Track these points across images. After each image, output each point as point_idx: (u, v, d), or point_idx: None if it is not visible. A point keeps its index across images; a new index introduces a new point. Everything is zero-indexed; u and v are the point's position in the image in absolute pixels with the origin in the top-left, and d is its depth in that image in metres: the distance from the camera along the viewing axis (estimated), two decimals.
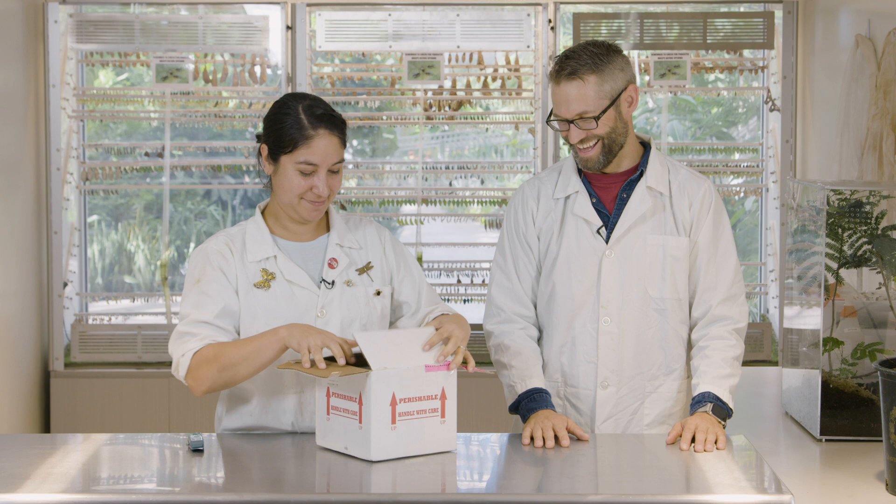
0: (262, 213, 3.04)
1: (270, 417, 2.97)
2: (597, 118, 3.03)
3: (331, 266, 2.99)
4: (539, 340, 3.20)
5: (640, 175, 3.14)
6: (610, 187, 3.16)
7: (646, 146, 3.19)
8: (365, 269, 3.03)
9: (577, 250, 3.14)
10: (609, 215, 3.14)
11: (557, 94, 3.07)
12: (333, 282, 2.98)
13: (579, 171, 3.18)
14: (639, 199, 3.13)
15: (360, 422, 2.68)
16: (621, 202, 3.14)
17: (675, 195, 3.15)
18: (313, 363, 2.71)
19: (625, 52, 3.11)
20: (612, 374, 3.12)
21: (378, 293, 3.02)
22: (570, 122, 3.06)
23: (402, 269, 3.07)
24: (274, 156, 2.93)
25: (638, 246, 3.12)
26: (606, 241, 3.13)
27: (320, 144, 2.90)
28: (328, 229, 3.05)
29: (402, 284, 3.07)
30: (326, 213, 3.07)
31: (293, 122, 2.90)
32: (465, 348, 2.80)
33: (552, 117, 3.09)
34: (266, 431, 2.97)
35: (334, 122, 2.92)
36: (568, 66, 3.04)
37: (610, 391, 3.12)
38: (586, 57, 3.04)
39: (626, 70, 3.08)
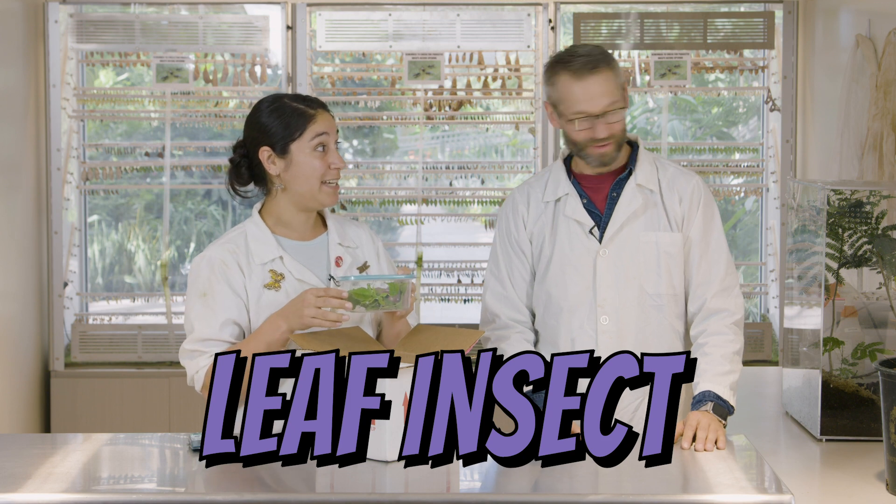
0: (260, 213, 3.06)
1: None
2: (623, 108, 3.05)
3: (337, 264, 3.02)
4: (536, 345, 3.20)
5: (630, 173, 3.15)
6: (600, 187, 3.16)
7: (633, 145, 3.20)
8: (364, 269, 3.06)
9: (571, 252, 3.14)
10: (601, 215, 3.14)
11: (579, 90, 3.02)
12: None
13: (569, 174, 3.18)
14: (629, 196, 3.13)
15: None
16: (612, 201, 3.14)
17: (665, 192, 3.15)
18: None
19: (625, 52, 3.14)
20: None
21: None
22: (597, 116, 3.04)
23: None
24: (282, 150, 2.97)
25: (632, 243, 3.12)
26: (600, 241, 3.13)
27: (324, 117, 2.99)
28: (325, 228, 3.07)
29: None
30: (320, 212, 3.09)
31: (290, 111, 2.99)
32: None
33: (574, 115, 3.04)
34: None
35: (321, 103, 3.04)
36: (585, 60, 3.02)
37: None
38: (596, 52, 3.05)
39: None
